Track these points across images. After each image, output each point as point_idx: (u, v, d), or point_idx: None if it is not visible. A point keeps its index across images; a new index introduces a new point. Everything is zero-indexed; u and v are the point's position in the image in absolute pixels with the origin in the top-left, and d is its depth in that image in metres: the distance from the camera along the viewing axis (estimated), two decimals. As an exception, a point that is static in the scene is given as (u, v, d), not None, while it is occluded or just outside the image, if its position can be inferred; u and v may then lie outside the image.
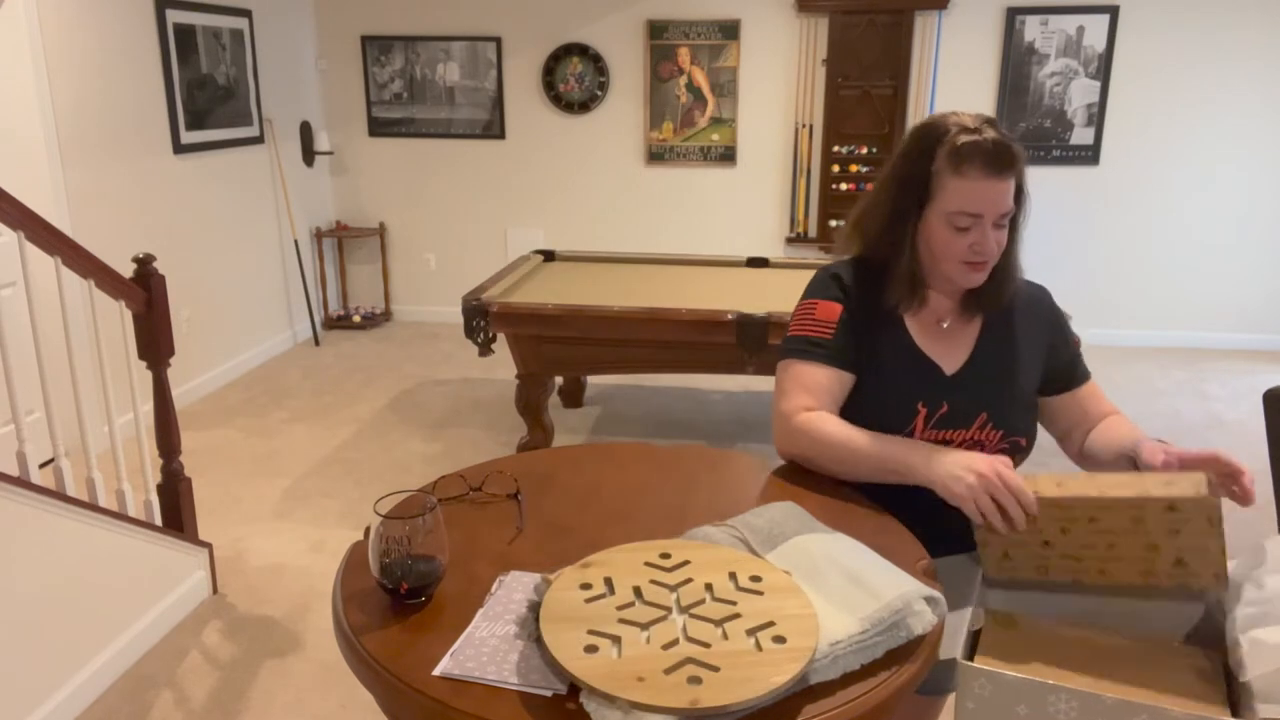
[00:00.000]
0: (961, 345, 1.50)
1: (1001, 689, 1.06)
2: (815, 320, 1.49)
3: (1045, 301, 1.58)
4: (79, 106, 4.04)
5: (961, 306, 1.51)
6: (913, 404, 1.44)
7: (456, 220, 6.25)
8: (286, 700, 2.53)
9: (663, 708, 0.87)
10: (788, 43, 5.64)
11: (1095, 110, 5.49)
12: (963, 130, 1.37)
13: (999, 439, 1.47)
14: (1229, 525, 1.19)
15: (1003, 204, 1.37)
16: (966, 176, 1.36)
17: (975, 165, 1.35)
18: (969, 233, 1.38)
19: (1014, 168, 1.37)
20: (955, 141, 1.37)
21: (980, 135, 1.36)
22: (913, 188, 1.42)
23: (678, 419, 4.64)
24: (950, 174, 1.37)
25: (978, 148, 1.35)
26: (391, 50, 5.97)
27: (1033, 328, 1.53)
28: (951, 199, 1.37)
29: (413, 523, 1.05)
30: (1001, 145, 1.35)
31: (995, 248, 1.40)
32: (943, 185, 1.38)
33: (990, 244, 1.39)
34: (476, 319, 3.66)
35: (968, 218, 1.37)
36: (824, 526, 1.22)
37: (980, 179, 1.35)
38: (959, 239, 1.39)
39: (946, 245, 1.40)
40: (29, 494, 2.27)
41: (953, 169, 1.37)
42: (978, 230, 1.38)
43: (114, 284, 2.64)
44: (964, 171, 1.36)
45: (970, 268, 1.41)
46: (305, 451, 4.19)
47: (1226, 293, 5.71)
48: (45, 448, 3.77)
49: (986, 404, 1.46)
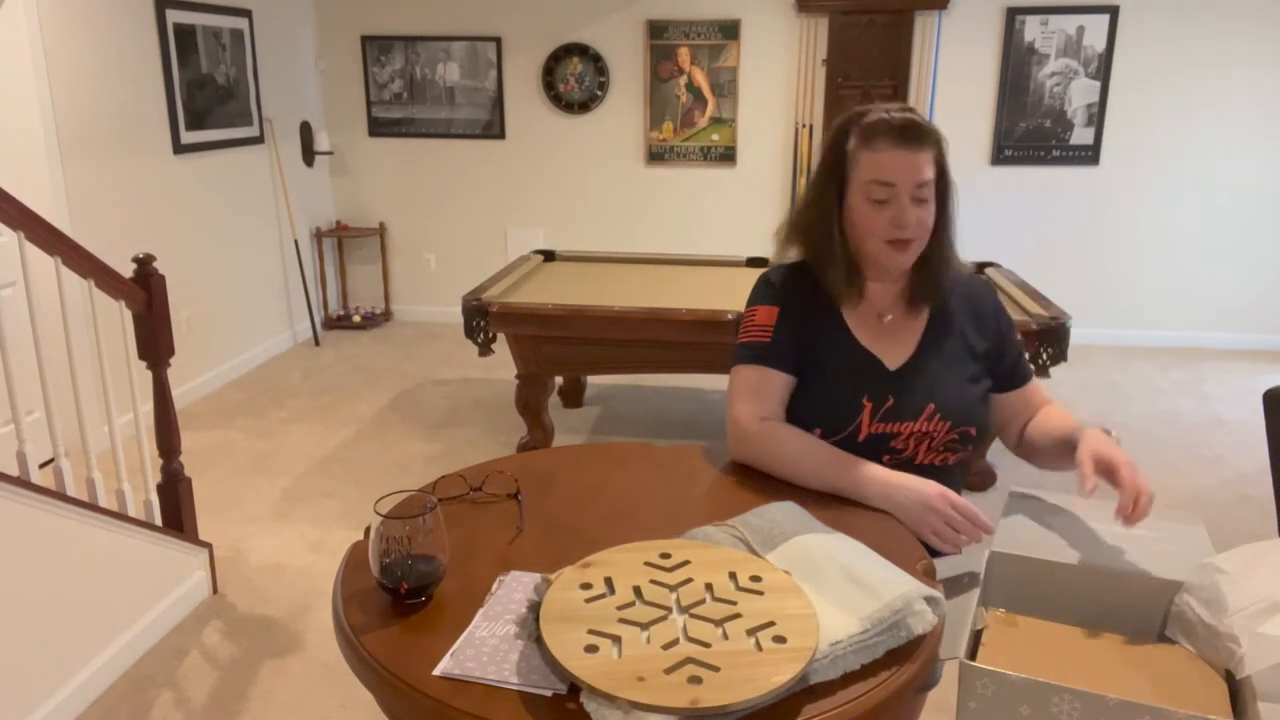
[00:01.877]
0: (906, 340, 1.52)
1: (1004, 689, 1.06)
2: (756, 325, 1.53)
3: (989, 300, 1.60)
4: (79, 106, 4.03)
5: (904, 301, 1.53)
6: (858, 399, 1.47)
7: (456, 220, 6.25)
8: (286, 700, 2.53)
9: (663, 708, 0.87)
10: (787, 43, 5.64)
11: (1095, 110, 5.49)
12: (876, 111, 1.44)
13: (947, 429, 1.49)
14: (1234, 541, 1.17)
15: (916, 174, 1.40)
16: (876, 149, 1.41)
17: (885, 138, 1.41)
18: (887, 206, 1.42)
19: (924, 141, 1.41)
20: (866, 121, 1.44)
21: (889, 114, 1.42)
22: (832, 171, 1.48)
23: (678, 419, 4.64)
24: (862, 148, 1.43)
25: (886, 123, 1.41)
26: (391, 50, 5.97)
27: (980, 323, 1.57)
28: (865, 171, 1.42)
29: (413, 523, 1.05)
30: (910, 121, 1.41)
31: (915, 223, 1.42)
32: (856, 161, 1.44)
33: (909, 216, 1.41)
34: (476, 319, 3.66)
35: (881, 187, 1.41)
36: (824, 526, 1.22)
37: (889, 149, 1.40)
38: (878, 213, 1.42)
39: (867, 221, 1.44)
40: (29, 494, 2.27)
41: (864, 143, 1.43)
42: (895, 204, 1.41)
43: (114, 284, 2.64)
44: (874, 145, 1.42)
45: (893, 246, 1.44)
46: (305, 451, 4.19)
47: (1226, 293, 5.71)
48: (45, 448, 3.77)
49: (934, 395, 1.48)
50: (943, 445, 1.50)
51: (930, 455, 1.50)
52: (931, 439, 1.49)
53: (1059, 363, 3.43)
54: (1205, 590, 1.17)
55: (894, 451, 1.49)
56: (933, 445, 1.50)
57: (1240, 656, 1.07)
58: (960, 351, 1.54)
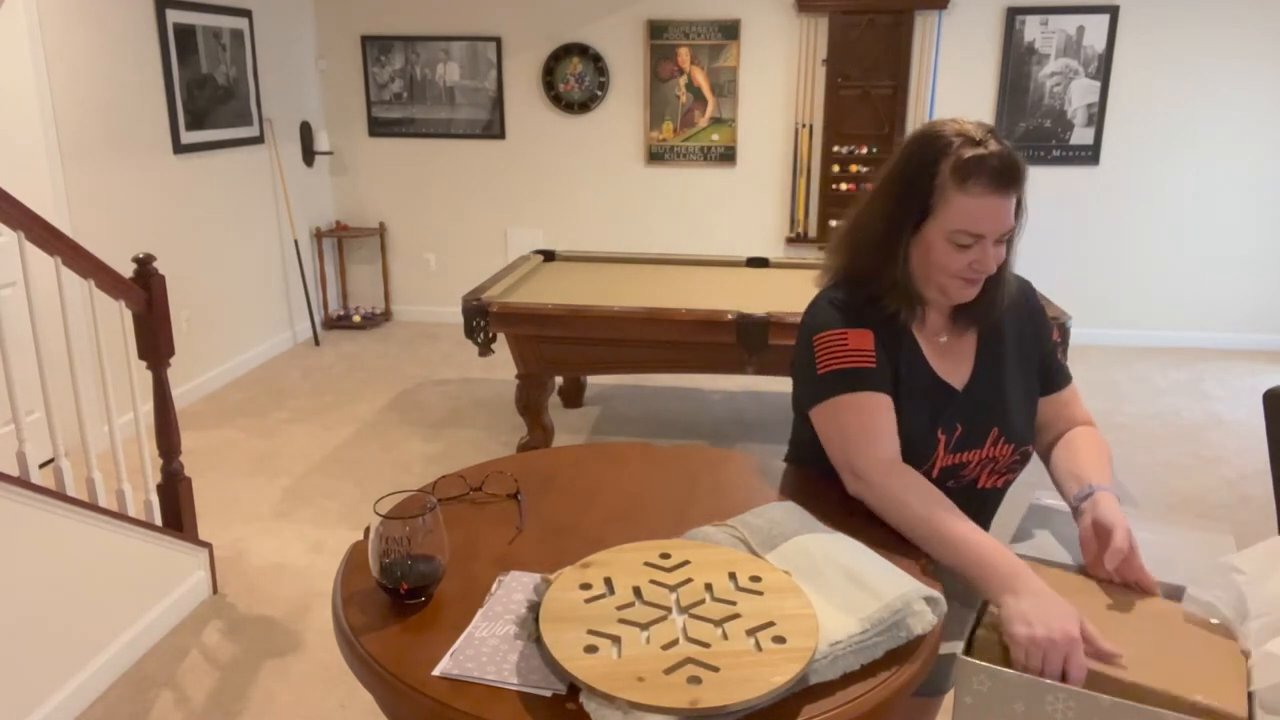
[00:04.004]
0: (963, 360, 1.45)
1: (1000, 686, 1.06)
2: (851, 350, 1.37)
3: (1030, 298, 1.53)
4: (79, 106, 4.03)
5: (952, 320, 1.45)
6: (934, 430, 1.38)
7: (456, 220, 6.25)
8: (286, 700, 2.53)
9: (663, 708, 0.87)
10: (788, 43, 5.64)
11: (1095, 110, 5.49)
12: (968, 142, 1.31)
13: (1011, 452, 1.43)
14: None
15: (1006, 222, 1.31)
16: (972, 194, 1.29)
17: (982, 182, 1.29)
18: (970, 250, 1.33)
19: (1020, 184, 1.31)
20: (961, 155, 1.30)
21: (986, 149, 1.30)
22: (913, 200, 1.34)
23: (678, 419, 4.64)
24: (955, 190, 1.30)
25: (984, 164, 1.29)
26: (391, 50, 5.97)
27: (1024, 328, 1.49)
28: (956, 217, 1.31)
29: (413, 523, 1.05)
30: (1009, 160, 1.30)
31: (994, 265, 1.34)
32: (946, 201, 1.31)
33: (990, 262, 1.33)
34: (476, 319, 3.66)
35: (970, 236, 1.31)
36: (824, 526, 1.22)
37: (986, 195, 1.29)
38: (959, 256, 1.33)
39: (945, 261, 1.34)
40: (29, 494, 2.27)
41: (958, 184, 1.30)
42: (979, 248, 1.32)
43: (114, 284, 2.64)
44: (969, 189, 1.29)
45: (966, 283, 1.36)
46: (305, 451, 4.20)
47: (1226, 293, 5.71)
48: (45, 448, 3.77)
49: (997, 419, 1.42)
50: (1005, 468, 1.45)
51: (993, 479, 1.45)
52: (996, 463, 1.43)
53: (1059, 363, 3.44)
54: (1221, 588, 1.16)
55: (960, 479, 1.42)
56: (996, 469, 1.44)
57: (1248, 671, 1.07)
58: (1013, 366, 1.46)
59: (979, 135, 1.32)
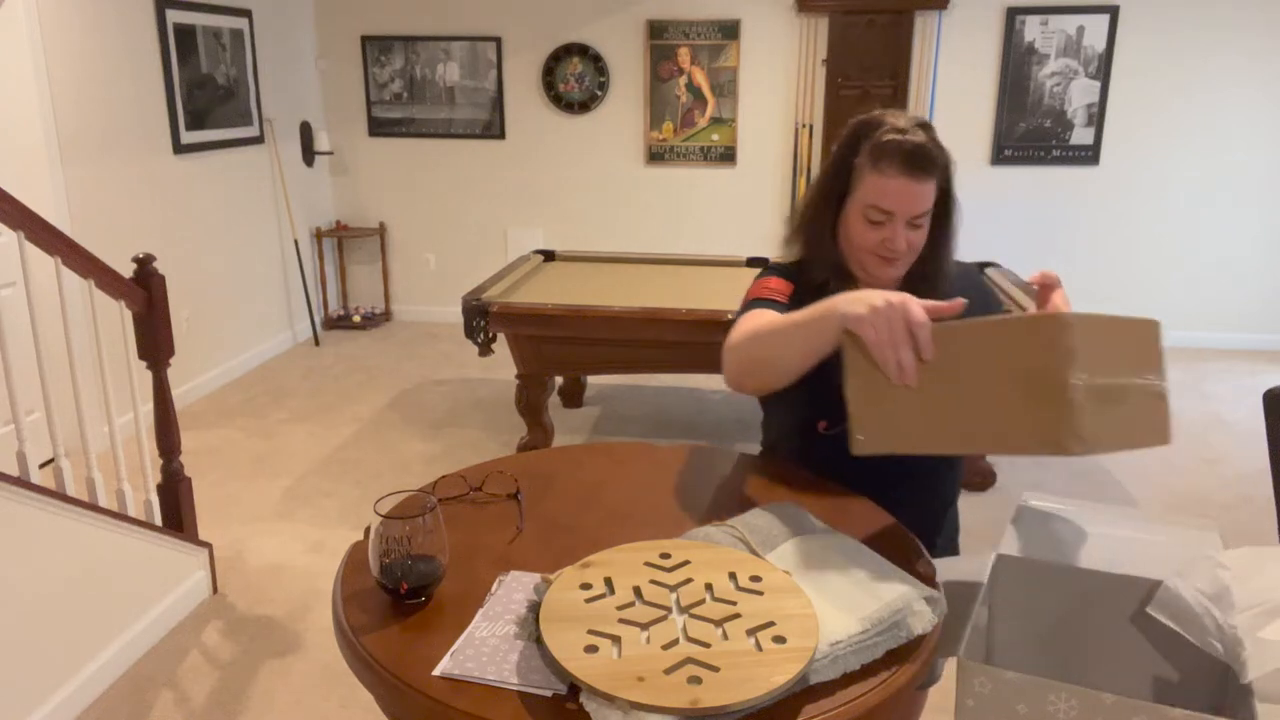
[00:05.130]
0: None
1: (1001, 687, 1.06)
2: (770, 288, 1.50)
3: (978, 285, 1.60)
4: (79, 106, 4.04)
5: None
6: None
7: (456, 220, 6.25)
8: (286, 700, 2.53)
9: (663, 708, 0.87)
10: (788, 43, 5.64)
11: (1095, 110, 5.49)
12: (891, 129, 1.40)
13: None
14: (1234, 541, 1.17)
15: (916, 205, 1.39)
16: (883, 173, 1.39)
17: (894, 164, 1.38)
18: (882, 228, 1.41)
19: (931, 171, 1.39)
20: (879, 139, 1.40)
21: (904, 136, 1.38)
22: (839, 179, 1.46)
23: (678, 419, 4.64)
24: (869, 169, 1.40)
25: (898, 147, 1.38)
26: (391, 50, 5.97)
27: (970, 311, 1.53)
28: (868, 193, 1.41)
29: (413, 523, 1.05)
30: (922, 148, 1.37)
31: (905, 246, 1.42)
32: (862, 179, 1.42)
33: (900, 242, 1.41)
34: (476, 319, 3.66)
35: (880, 213, 1.40)
36: (824, 526, 1.22)
37: (896, 177, 1.38)
38: (872, 232, 1.42)
39: (860, 236, 1.44)
40: (29, 494, 2.27)
41: (872, 164, 1.40)
42: (890, 227, 1.41)
43: (114, 284, 2.64)
44: (881, 168, 1.39)
45: (881, 260, 1.44)
46: (305, 451, 4.20)
47: (1226, 293, 5.71)
48: (45, 448, 3.77)
49: None
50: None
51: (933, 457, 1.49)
52: None
53: (1059, 363, 3.43)
54: (1206, 581, 1.16)
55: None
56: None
57: (1243, 660, 1.07)
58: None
59: (906, 125, 1.41)
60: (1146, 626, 1.24)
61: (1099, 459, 4.08)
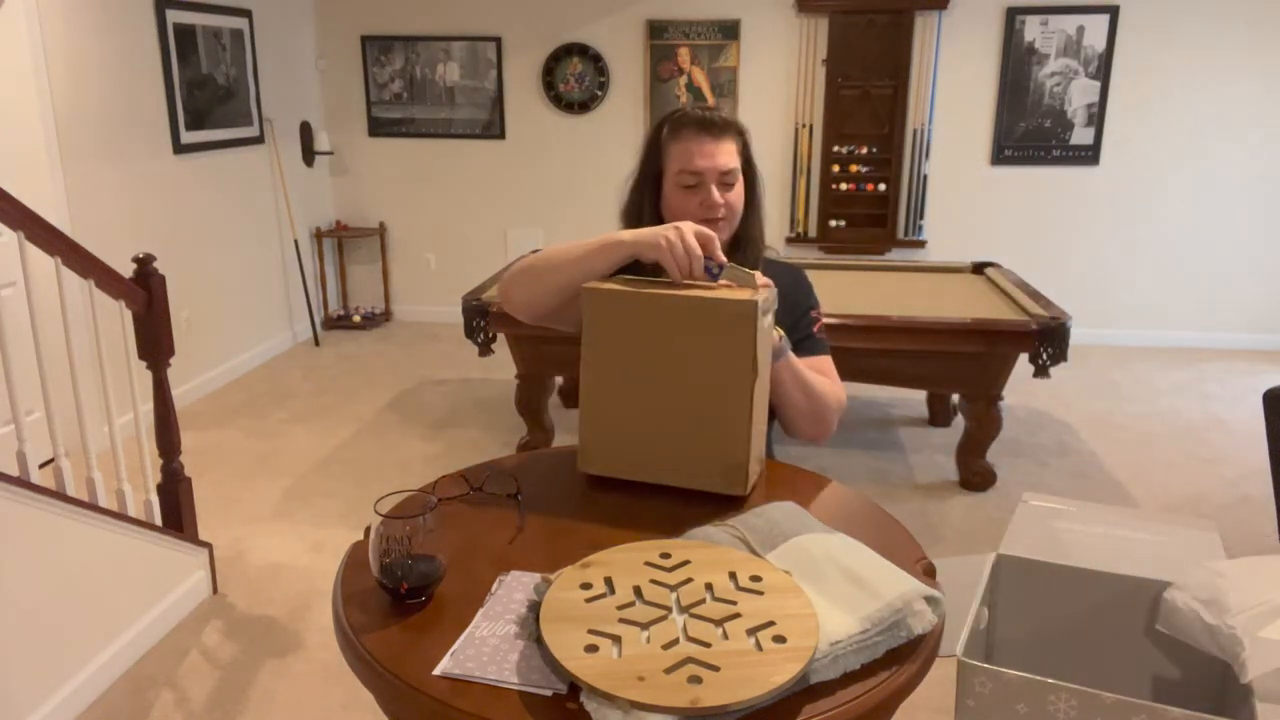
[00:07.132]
0: None
1: (1002, 687, 1.06)
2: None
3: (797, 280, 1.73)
4: (79, 106, 4.04)
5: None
6: None
7: (456, 220, 6.25)
8: (286, 700, 2.53)
9: (663, 707, 0.87)
10: (788, 43, 5.64)
11: (1095, 110, 5.49)
12: (685, 107, 1.63)
13: None
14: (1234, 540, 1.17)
15: (720, 161, 1.57)
16: (683, 140, 1.58)
17: (690, 130, 1.58)
18: (697, 191, 1.58)
19: (725, 131, 1.58)
20: (673, 117, 1.61)
21: (695, 110, 1.60)
22: (649, 161, 1.64)
23: (678, 419, 4.64)
24: (671, 141, 1.60)
25: (690, 116, 1.60)
26: (391, 50, 5.97)
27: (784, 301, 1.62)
28: (675, 160, 1.59)
29: (413, 523, 1.05)
30: (713, 114, 1.59)
31: (722, 202, 1.57)
32: (668, 153, 1.61)
33: (716, 200, 1.57)
34: (476, 319, 3.66)
35: (691, 175, 1.57)
36: (824, 526, 1.22)
37: (695, 139, 1.57)
38: (689, 197, 1.59)
39: (680, 206, 1.59)
40: (29, 494, 2.27)
41: (673, 137, 1.60)
42: (704, 189, 1.57)
43: (114, 284, 2.64)
44: (680, 136, 1.59)
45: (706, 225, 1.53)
46: (305, 451, 4.19)
47: (1226, 293, 5.71)
48: (45, 448, 3.77)
49: None
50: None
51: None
52: None
53: (1059, 363, 3.44)
54: (1203, 589, 1.17)
55: None
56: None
57: (1243, 660, 1.07)
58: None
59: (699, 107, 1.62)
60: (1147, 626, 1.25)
61: (1099, 459, 4.08)
